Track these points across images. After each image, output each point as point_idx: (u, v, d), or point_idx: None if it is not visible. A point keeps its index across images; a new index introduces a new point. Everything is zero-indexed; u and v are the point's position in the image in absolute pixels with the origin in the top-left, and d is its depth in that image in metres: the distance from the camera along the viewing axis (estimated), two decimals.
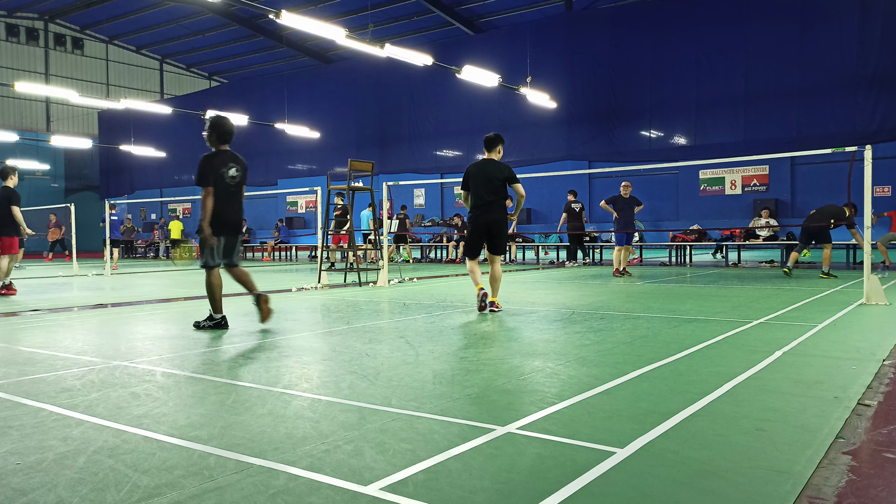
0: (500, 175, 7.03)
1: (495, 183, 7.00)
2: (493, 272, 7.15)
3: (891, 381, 3.67)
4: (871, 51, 14.63)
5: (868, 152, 7.43)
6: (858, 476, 2.32)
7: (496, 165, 7.10)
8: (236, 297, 8.08)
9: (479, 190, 7.04)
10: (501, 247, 7.17)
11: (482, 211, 7.04)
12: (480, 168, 7.13)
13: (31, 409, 3.28)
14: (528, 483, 2.25)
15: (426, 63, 15.38)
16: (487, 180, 7.01)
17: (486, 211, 7.02)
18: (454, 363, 4.29)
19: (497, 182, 7.00)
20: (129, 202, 30.03)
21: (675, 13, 17.34)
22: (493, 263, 7.20)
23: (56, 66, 34.34)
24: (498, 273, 7.12)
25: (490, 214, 7.02)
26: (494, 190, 7.00)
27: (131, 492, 2.20)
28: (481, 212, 7.05)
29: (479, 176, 7.07)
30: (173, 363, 4.41)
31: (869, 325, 5.78)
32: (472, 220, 7.14)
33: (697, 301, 7.83)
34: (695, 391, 3.44)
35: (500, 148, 7.23)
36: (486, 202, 7.01)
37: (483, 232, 7.10)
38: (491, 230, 7.06)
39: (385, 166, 21.82)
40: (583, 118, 18.52)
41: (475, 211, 7.10)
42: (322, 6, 26.34)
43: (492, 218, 7.02)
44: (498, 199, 7.03)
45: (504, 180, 7.03)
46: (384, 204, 13.12)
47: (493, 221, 7.02)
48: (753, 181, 20.14)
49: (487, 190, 7.00)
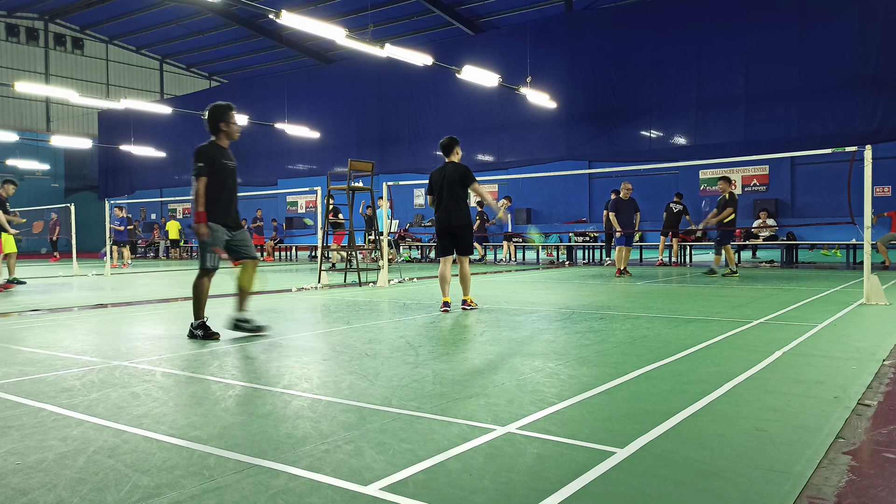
0: (456, 175, 7.25)
1: (453, 184, 7.24)
2: (461, 272, 7.43)
3: (891, 381, 3.67)
4: (871, 51, 14.63)
5: (868, 152, 7.43)
6: (858, 476, 2.31)
7: (454, 167, 7.34)
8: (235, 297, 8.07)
9: (440, 194, 7.31)
10: (467, 248, 7.41)
11: (441, 212, 7.29)
12: (441, 171, 7.38)
13: (31, 409, 3.28)
14: (528, 483, 2.25)
15: (426, 63, 15.38)
16: (446, 183, 7.27)
17: (445, 212, 7.25)
18: (454, 363, 4.29)
19: (454, 184, 7.23)
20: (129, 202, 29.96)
21: (675, 13, 17.34)
22: (461, 264, 7.45)
23: (56, 66, 34.33)
24: (466, 273, 7.40)
25: (448, 216, 7.24)
26: (451, 192, 7.24)
27: (131, 492, 2.20)
28: (441, 213, 7.29)
29: (439, 179, 7.33)
30: (173, 363, 4.41)
31: (869, 325, 5.78)
32: (436, 223, 7.40)
33: (697, 301, 7.83)
34: (695, 391, 3.44)
35: (458, 150, 7.46)
36: (445, 204, 7.26)
37: (446, 234, 7.32)
38: (453, 233, 7.29)
39: (385, 166, 21.82)
40: (583, 118, 18.52)
41: (437, 213, 7.37)
42: (322, 6, 26.33)
43: (451, 221, 7.24)
44: (456, 200, 7.25)
45: (460, 179, 7.23)
46: (384, 204, 13.12)
47: (453, 224, 7.25)
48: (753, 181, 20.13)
49: (445, 192, 7.25)
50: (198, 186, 5.45)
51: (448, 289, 7.32)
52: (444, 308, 7.16)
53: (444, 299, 7.24)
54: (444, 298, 7.24)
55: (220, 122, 5.63)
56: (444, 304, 7.20)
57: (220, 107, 5.68)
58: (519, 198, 24.03)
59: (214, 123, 5.64)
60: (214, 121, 5.64)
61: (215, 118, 5.64)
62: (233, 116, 5.69)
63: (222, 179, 5.59)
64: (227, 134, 5.68)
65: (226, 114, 5.65)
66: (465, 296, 7.34)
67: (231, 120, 5.67)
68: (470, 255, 7.49)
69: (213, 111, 5.67)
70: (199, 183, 5.45)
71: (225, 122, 5.63)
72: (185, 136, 28.51)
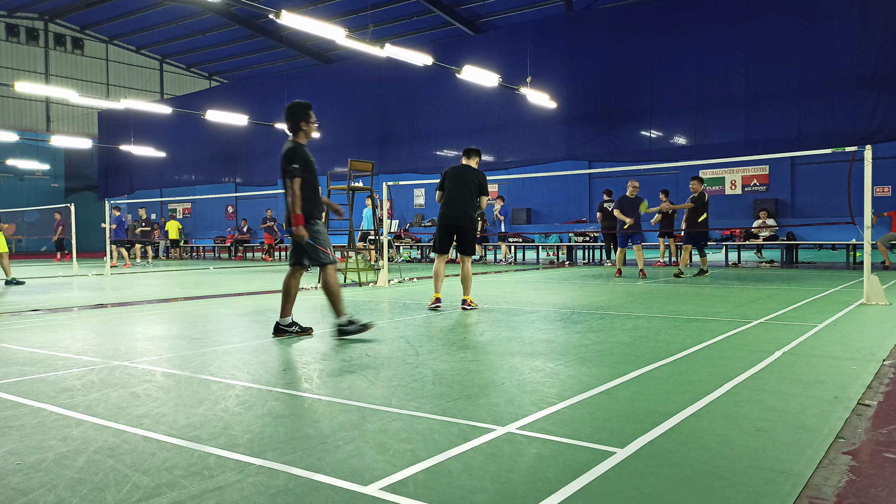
0: (476, 181, 7.40)
1: (470, 186, 7.36)
2: (462, 272, 7.46)
3: (891, 381, 3.67)
4: (871, 51, 14.62)
5: (868, 152, 7.43)
6: (858, 476, 2.31)
7: (474, 172, 7.47)
8: (236, 296, 8.08)
9: (453, 191, 7.37)
10: (470, 248, 7.48)
11: (450, 208, 7.35)
12: (458, 171, 7.46)
13: (31, 409, 3.28)
14: (528, 483, 2.25)
15: (426, 63, 15.38)
16: (463, 184, 7.36)
17: (455, 209, 7.33)
18: (454, 363, 4.29)
19: (471, 186, 7.36)
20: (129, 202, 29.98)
21: (675, 13, 17.33)
22: (463, 263, 7.50)
23: (56, 66, 34.32)
24: (467, 273, 7.43)
25: (458, 212, 7.31)
26: (467, 192, 7.35)
27: (131, 492, 2.20)
28: (449, 209, 7.35)
29: (456, 179, 7.40)
30: (173, 363, 4.41)
31: (869, 325, 5.78)
32: (441, 218, 7.44)
33: (697, 301, 7.83)
34: (695, 391, 3.44)
35: (478, 160, 7.66)
36: (456, 203, 7.33)
37: (452, 230, 7.38)
38: (459, 230, 7.36)
39: (385, 166, 21.81)
40: (583, 118, 18.51)
41: (444, 209, 7.41)
42: (322, 6, 26.33)
43: (460, 218, 7.31)
44: (469, 201, 7.34)
45: (479, 185, 7.40)
46: (384, 203, 13.12)
47: (461, 224, 7.32)
48: (753, 181, 20.13)
49: (461, 192, 7.34)
50: (294, 188, 5.30)
51: (440, 285, 7.37)
52: (434, 303, 7.21)
53: (436, 295, 7.29)
54: (436, 294, 7.30)
55: (300, 120, 5.53)
56: (434, 300, 7.26)
57: (301, 105, 5.58)
58: (519, 198, 24.03)
59: (295, 122, 5.54)
60: (296, 119, 5.54)
61: (297, 117, 5.53)
62: (313, 115, 5.62)
63: (312, 179, 5.52)
64: (306, 133, 5.59)
65: (307, 113, 5.55)
66: (465, 295, 7.36)
67: (312, 119, 5.60)
68: (472, 256, 7.54)
69: (295, 110, 5.56)
70: (294, 184, 5.30)
71: (305, 122, 5.54)
72: (185, 136, 28.52)
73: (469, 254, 7.47)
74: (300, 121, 5.53)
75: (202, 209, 33.92)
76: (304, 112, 5.55)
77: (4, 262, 12.08)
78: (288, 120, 5.56)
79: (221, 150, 27.59)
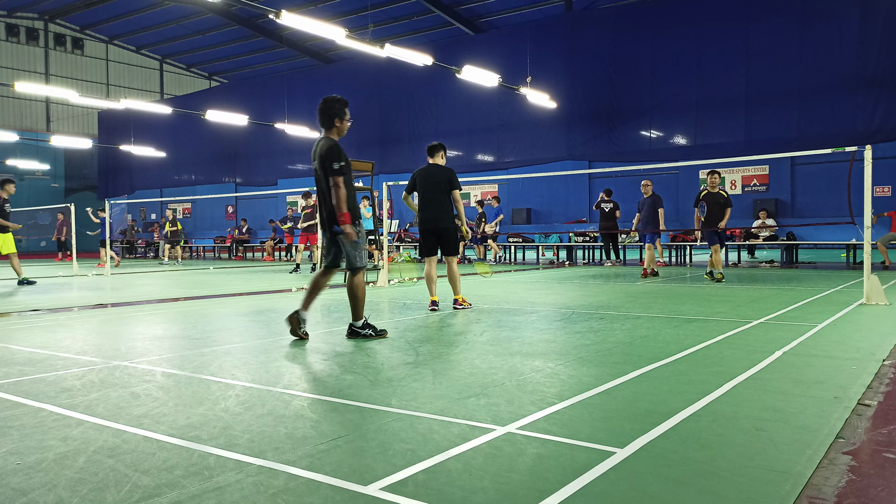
0: (444, 177, 7.32)
1: (440, 185, 7.29)
2: (449, 272, 7.47)
3: (891, 381, 3.67)
4: (871, 51, 14.63)
5: (868, 152, 7.43)
6: (858, 476, 2.31)
7: (441, 169, 7.40)
8: (236, 296, 8.08)
9: (427, 193, 7.34)
10: (453, 248, 7.46)
11: (426, 212, 7.33)
12: (427, 172, 7.41)
13: (31, 409, 3.28)
14: (528, 483, 2.24)
15: (426, 63, 15.38)
16: (434, 185, 7.31)
17: (430, 212, 7.30)
18: (454, 363, 4.29)
19: (441, 185, 7.29)
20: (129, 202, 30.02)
21: (675, 13, 17.34)
22: (449, 264, 7.50)
23: (56, 66, 34.33)
24: (454, 273, 7.44)
25: (434, 217, 7.29)
26: (439, 193, 7.29)
27: (131, 492, 2.20)
28: (426, 213, 7.34)
29: (425, 180, 7.36)
30: (173, 363, 4.41)
31: (869, 325, 5.78)
32: (421, 223, 7.43)
33: (697, 301, 7.83)
34: (695, 391, 3.44)
35: (443, 154, 7.57)
36: (430, 206, 7.31)
37: (432, 233, 7.36)
38: (438, 234, 7.34)
39: (385, 166, 21.81)
40: (583, 118, 18.52)
41: (421, 213, 7.40)
42: (322, 6, 26.33)
43: (439, 222, 7.29)
44: (442, 200, 7.29)
45: (448, 182, 7.30)
46: (384, 203, 13.12)
47: (440, 227, 7.30)
48: (753, 181, 20.14)
49: (434, 194, 7.30)
50: (340, 186, 5.10)
51: (435, 288, 7.38)
52: (432, 307, 7.21)
53: (433, 298, 7.30)
54: (433, 297, 7.30)
55: (335, 117, 5.33)
56: (431, 303, 7.26)
57: (337, 101, 5.37)
58: (519, 198, 24.04)
59: (329, 118, 5.34)
60: (330, 116, 5.33)
61: (332, 112, 5.33)
62: (348, 112, 5.43)
63: (350, 177, 5.35)
64: (339, 130, 5.39)
65: (342, 109, 5.36)
66: (455, 295, 7.39)
67: (347, 116, 5.41)
68: (456, 255, 7.53)
69: (330, 106, 5.34)
70: (340, 182, 5.11)
71: (340, 118, 5.35)
72: (185, 136, 28.54)
73: (453, 254, 7.44)
74: (335, 117, 5.33)
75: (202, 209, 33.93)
76: (340, 108, 5.35)
77: (15, 263, 12.09)
78: (322, 115, 5.33)
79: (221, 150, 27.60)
